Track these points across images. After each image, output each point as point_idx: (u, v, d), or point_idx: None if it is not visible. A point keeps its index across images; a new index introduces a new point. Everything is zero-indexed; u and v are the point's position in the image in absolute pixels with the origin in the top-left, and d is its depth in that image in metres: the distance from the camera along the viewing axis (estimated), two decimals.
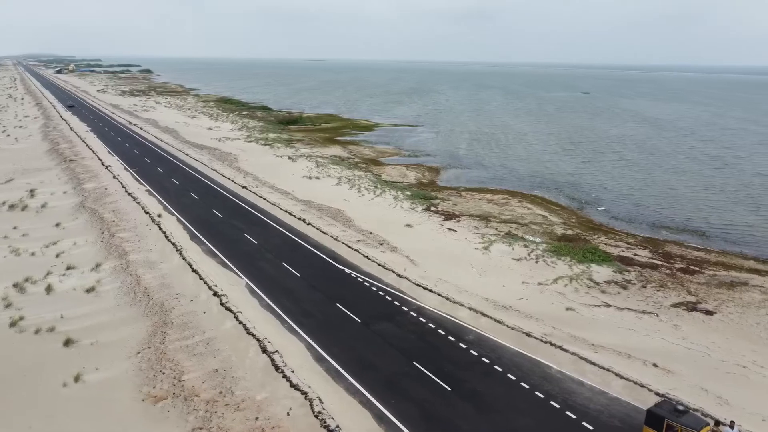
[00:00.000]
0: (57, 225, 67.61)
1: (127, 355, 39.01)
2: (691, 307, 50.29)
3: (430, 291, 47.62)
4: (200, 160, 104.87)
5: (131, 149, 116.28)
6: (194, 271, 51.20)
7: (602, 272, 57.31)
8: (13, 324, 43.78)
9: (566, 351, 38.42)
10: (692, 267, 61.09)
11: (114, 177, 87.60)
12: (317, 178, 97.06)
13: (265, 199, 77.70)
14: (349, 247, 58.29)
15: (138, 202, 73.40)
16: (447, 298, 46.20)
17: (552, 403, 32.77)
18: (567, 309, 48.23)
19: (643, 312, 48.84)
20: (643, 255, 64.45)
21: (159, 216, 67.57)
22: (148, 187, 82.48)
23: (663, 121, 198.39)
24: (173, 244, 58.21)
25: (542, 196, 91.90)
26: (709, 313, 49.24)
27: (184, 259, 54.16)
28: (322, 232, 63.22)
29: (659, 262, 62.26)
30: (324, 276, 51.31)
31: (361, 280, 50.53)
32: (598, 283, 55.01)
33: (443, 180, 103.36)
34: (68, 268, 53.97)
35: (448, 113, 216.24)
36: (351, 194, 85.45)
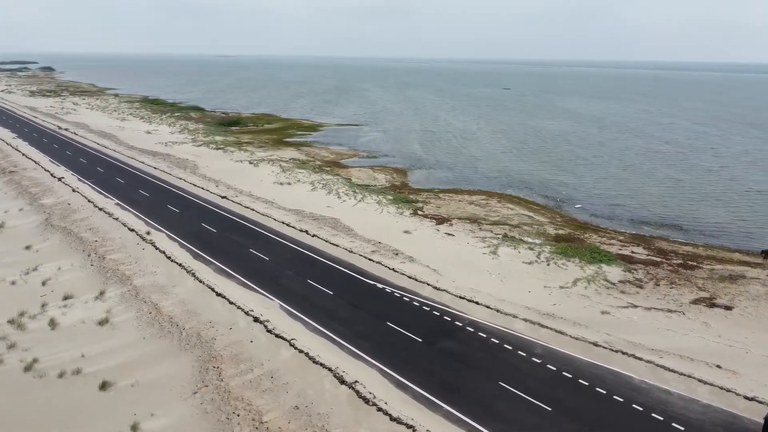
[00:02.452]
0: (27, 248, 60.82)
1: (182, 396, 35.35)
2: (710, 303, 52.27)
3: (477, 303, 46.70)
4: (159, 168, 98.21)
5: (75, 157, 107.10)
6: (219, 294, 47.41)
7: (614, 272, 58.50)
8: (27, 368, 38.75)
9: (640, 359, 38.66)
10: (689, 262, 63.67)
11: (74, 190, 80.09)
12: (289, 183, 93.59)
13: (252, 209, 73.72)
14: (369, 259, 56.23)
15: (115, 219, 67.40)
16: (497, 310, 45.45)
17: (654, 415, 32.75)
18: (602, 313, 48.78)
19: (669, 311, 50.18)
20: (640, 252, 66.53)
21: (148, 233, 62.29)
22: (118, 201, 76.01)
23: (598, 118, 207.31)
24: (180, 265, 53.78)
25: (518, 195, 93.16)
26: (727, 308, 51.34)
27: (200, 281, 50.09)
28: (332, 243, 60.67)
29: (658, 259, 64.46)
30: (358, 293, 49.08)
31: (398, 295, 48.76)
32: (614, 284, 56.08)
33: (414, 182, 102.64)
34: (66, 298, 48.53)
35: (388, 113, 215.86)
36: (331, 200, 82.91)
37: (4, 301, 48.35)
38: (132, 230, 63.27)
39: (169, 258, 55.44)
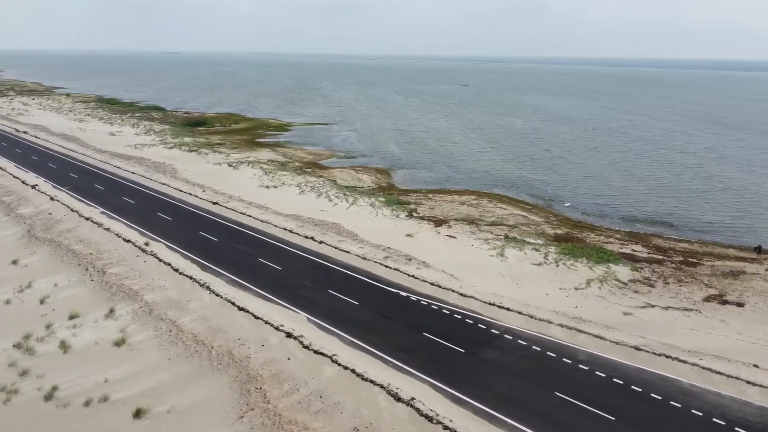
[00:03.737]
0: (14, 262, 56.86)
1: (227, 421, 33.36)
2: (722, 301, 53.26)
3: (508, 309, 46.10)
4: (138, 173, 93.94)
5: (43, 162, 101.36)
6: (241, 308, 45.24)
7: (622, 272, 59.01)
8: (48, 397, 35.89)
9: (684, 362, 38.83)
10: (690, 259, 64.86)
11: (52, 199, 75.48)
12: (275, 187, 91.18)
13: (248, 215, 71.20)
14: (385, 266, 54.97)
15: (106, 229, 63.79)
16: (530, 316, 44.98)
17: (715, 420, 32.80)
18: (624, 314, 48.99)
19: (686, 309, 50.87)
20: (641, 250, 67.47)
21: (146, 244, 59.14)
22: (103, 210, 72.02)
23: (564, 116, 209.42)
24: (190, 277, 51.14)
25: (506, 195, 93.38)
26: (739, 305, 52.40)
27: (217, 295, 47.70)
28: (343, 250, 59.06)
29: (659, 257, 65.42)
30: (384, 302, 47.75)
31: (425, 303, 47.71)
32: (625, 283, 56.54)
33: (399, 182, 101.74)
34: (72, 317, 45.40)
35: (354, 112, 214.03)
36: (323, 204, 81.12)
37: (3, 322, 44.87)
38: (128, 241, 59.96)
39: (176, 270, 52.71)
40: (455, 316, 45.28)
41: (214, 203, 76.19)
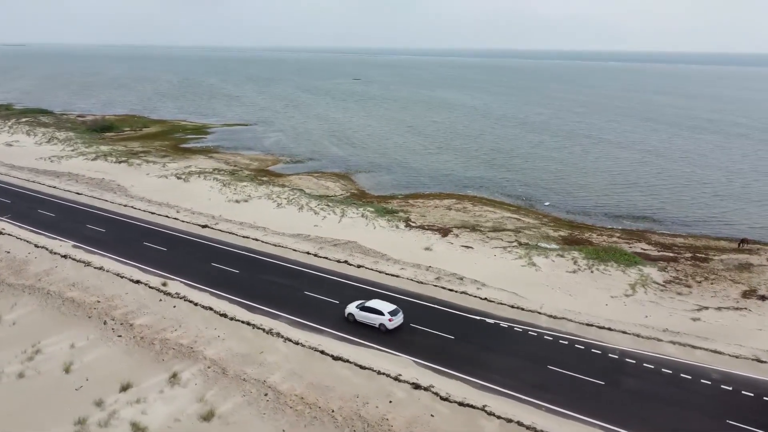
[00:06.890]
0: None
1: None
2: (759, 296, 55.38)
3: (609, 330, 44.35)
4: (83, 193, 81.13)
5: None
6: (337, 358, 39.40)
7: (654, 273, 59.83)
8: None
9: None
10: (698, 255, 67.30)
11: (0, 233, 62.65)
12: (245, 201, 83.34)
13: (253, 238, 63.60)
14: (450, 290, 51.09)
15: (98, 268, 53.69)
16: (636, 335, 43.52)
17: None
18: (693, 320, 49.29)
19: (736, 309, 52.37)
20: (649, 248, 69.13)
21: (164, 284, 50.39)
22: (74, 243, 60.86)
23: (485, 112, 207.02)
24: (247, 323, 43.99)
25: (484, 197, 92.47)
26: None
27: (296, 343, 41.27)
28: (389, 274, 54.27)
29: (670, 254, 67.30)
30: (478, 333, 44.04)
31: (519, 329, 44.68)
32: (664, 286, 57.31)
33: (368, 188, 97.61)
34: (125, 389, 37.12)
35: (268, 111, 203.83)
36: (311, 218, 75.26)
37: (33, 404, 35.62)
38: (137, 282, 50.76)
39: (223, 315, 45.17)
40: (561, 342, 42.72)
41: (204, 226, 67.40)
